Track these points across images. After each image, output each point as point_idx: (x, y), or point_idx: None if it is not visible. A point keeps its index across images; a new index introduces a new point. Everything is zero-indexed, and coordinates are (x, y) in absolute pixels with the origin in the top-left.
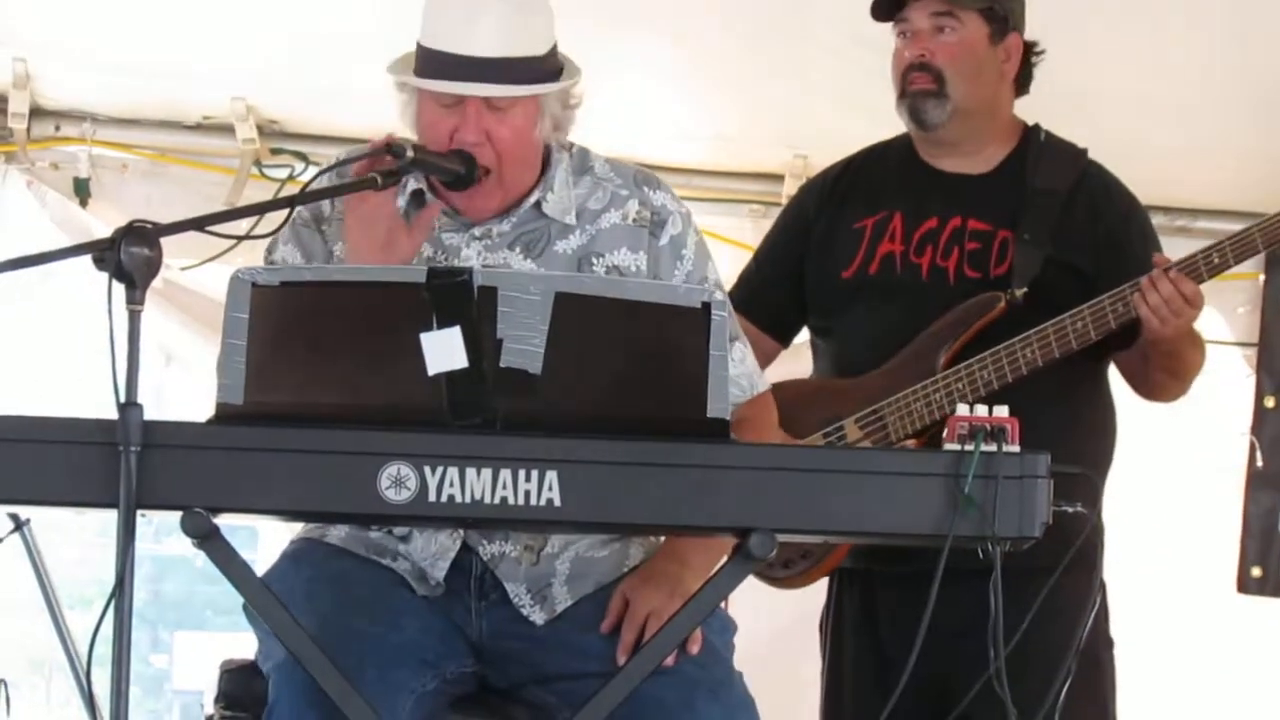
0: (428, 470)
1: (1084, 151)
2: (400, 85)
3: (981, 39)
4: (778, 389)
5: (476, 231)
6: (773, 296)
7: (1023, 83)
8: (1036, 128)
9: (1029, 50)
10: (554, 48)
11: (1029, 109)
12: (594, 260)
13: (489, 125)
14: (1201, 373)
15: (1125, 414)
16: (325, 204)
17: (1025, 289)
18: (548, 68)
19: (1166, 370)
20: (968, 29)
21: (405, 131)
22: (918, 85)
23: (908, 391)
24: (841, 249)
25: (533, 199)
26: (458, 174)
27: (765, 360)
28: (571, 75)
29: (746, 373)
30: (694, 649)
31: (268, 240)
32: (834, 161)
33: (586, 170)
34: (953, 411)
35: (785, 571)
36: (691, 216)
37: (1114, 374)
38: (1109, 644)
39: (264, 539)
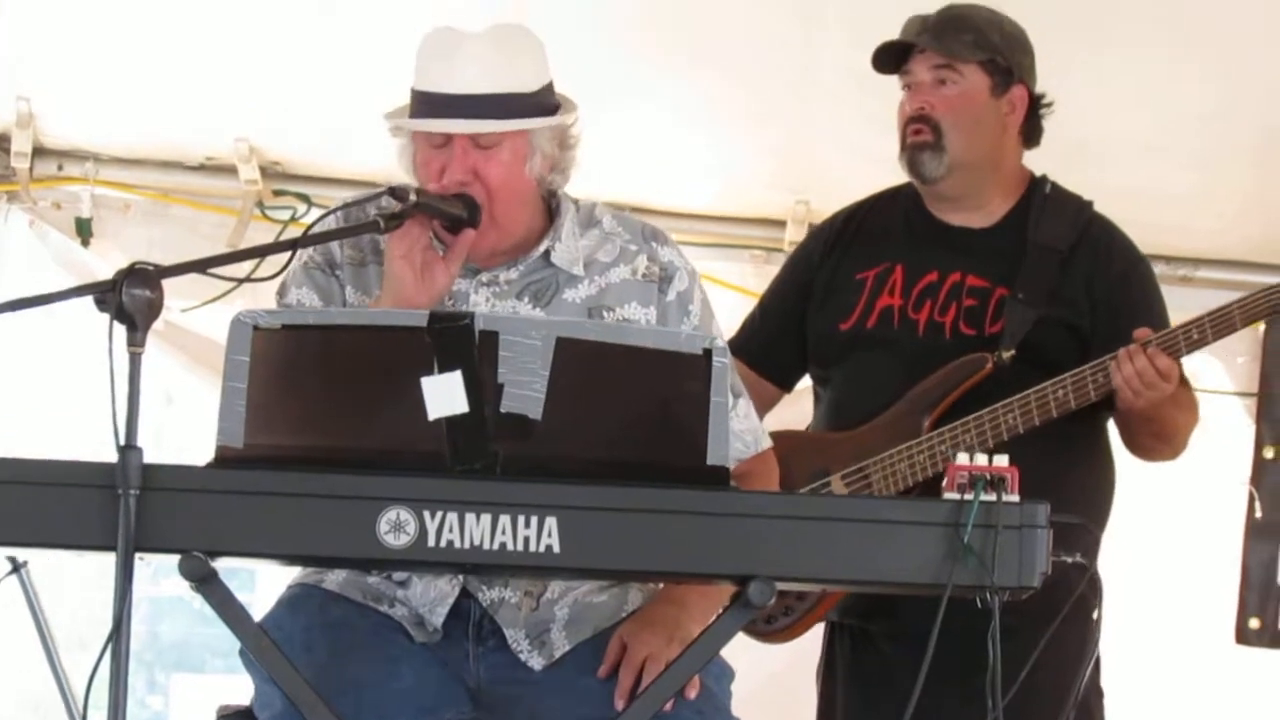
0: (427, 515)
1: (1089, 204)
2: (394, 130)
3: (982, 91)
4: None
5: (484, 278)
6: (775, 343)
7: (1030, 135)
8: (1043, 179)
9: (1036, 102)
10: (548, 85)
11: (1031, 155)
12: (604, 313)
13: (476, 163)
14: (1200, 422)
15: (1124, 462)
16: (336, 249)
17: (1013, 351)
18: (538, 104)
19: (1152, 434)
20: (968, 81)
21: (405, 175)
22: (916, 138)
23: (893, 451)
24: (842, 300)
25: (541, 248)
26: (459, 217)
27: (766, 406)
28: (568, 113)
29: (751, 428)
30: (692, 694)
31: (269, 283)
32: (836, 206)
33: (594, 224)
34: (935, 473)
35: (768, 626)
36: (697, 274)
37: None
38: (1100, 694)
39: (261, 581)
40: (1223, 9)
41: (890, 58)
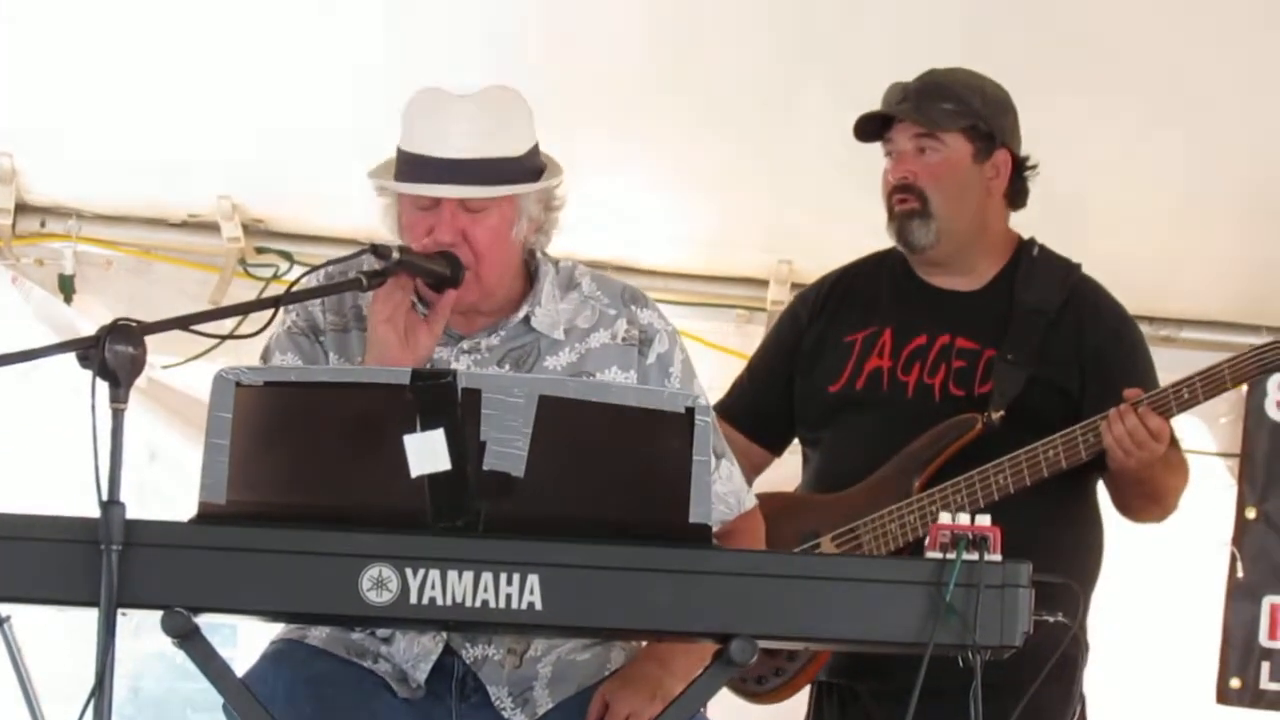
0: (409, 572)
1: (1076, 266)
2: (379, 189)
3: (965, 158)
4: (759, 500)
5: (465, 345)
6: (764, 406)
7: (1016, 197)
8: (1031, 242)
9: (1021, 165)
10: (534, 148)
11: (1018, 216)
12: (584, 379)
13: (464, 226)
14: (1184, 492)
15: (1107, 522)
16: (319, 315)
17: (1002, 412)
18: (526, 168)
19: (1143, 495)
20: (950, 149)
21: (388, 233)
22: (903, 206)
23: (884, 512)
24: (830, 362)
25: (521, 313)
26: (443, 275)
27: (756, 469)
28: (553, 175)
29: (734, 490)
30: None
31: (252, 339)
32: (818, 266)
33: (574, 286)
34: (927, 534)
35: (759, 687)
36: (678, 335)
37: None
38: None
39: (244, 637)
40: (1204, 75)
41: (872, 126)
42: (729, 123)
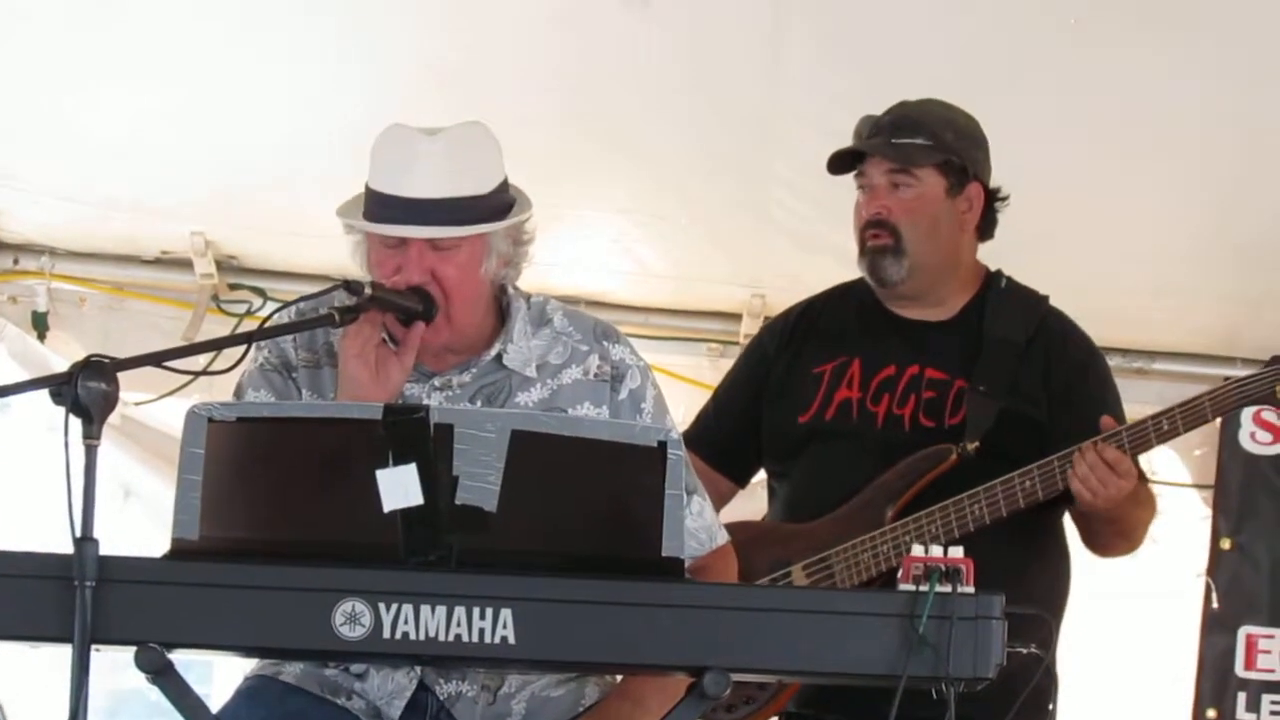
0: (382, 607)
1: (1044, 299)
2: (347, 228)
3: (939, 193)
4: (728, 530)
5: (437, 382)
6: (730, 437)
7: (986, 229)
8: (998, 274)
9: (992, 197)
10: (503, 183)
11: (989, 247)
12: (557, 414)
13: (433, 264)
14: (1158, 514)
15: (1082, 553)
16: (292, 352)
17: (977, 443)
18: (494, 205)
19: (1113, 532)
20: (924, 184)
21: (358, 270)
22: (875, 242)
23: (856, 541)
24: (799, 393)
25: (494, 350)
26: (415, 311)
27: (721, 501)
28: (522, 210)
29: (705, 525)
30: None
31: (225, 375)
32: (791, 299)
33: (545, 322)
34: (900, 564)
35: (729, 716)
36: (649, 370)
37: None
38: None
39: (218, 674)
40: (1175, 109)
41: (845, 160)
42: (703, 154)
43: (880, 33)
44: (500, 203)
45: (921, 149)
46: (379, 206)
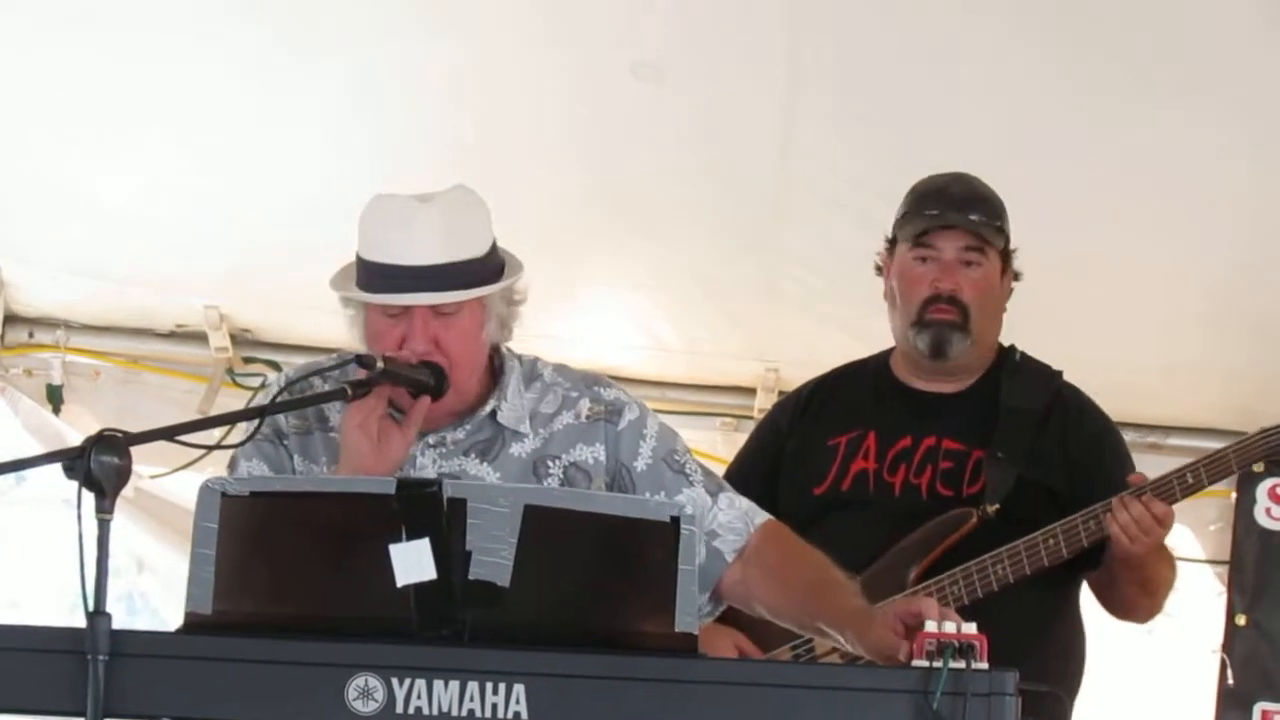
0: (395, 682)
1: (1058, 373)
2: (345, 301)
3: (998, 274)
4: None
5: (431, 439)
6: None
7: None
8: (1012, 348)
9: (1015, 278)
10: (493, 245)
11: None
12: (550, 463)
13: (436, 332)
14: (1173, 590)
15: (1096, 629)
16: (282, 419)
17: (997, 505)
18: (490, 266)
19: (1137, 586)
20: (991, 265)
21: (355, 342)
22: (943, 317)
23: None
24: (814, 465)
25: (487, 408)
26: (426, 385)
27: None
28: (514, 271)
29: (740, 514)
30: None
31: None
32: (805, 374)
33: (536, 377)
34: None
35: None
36: (649, 409)
37: (1086, 597)
38: None
39: None
40: (1183, 185)
41: (922, 223)
42: (716, 232)
43: (893, 111)
44: (495, 264)
45: (993, 230)
46: (379, 277)
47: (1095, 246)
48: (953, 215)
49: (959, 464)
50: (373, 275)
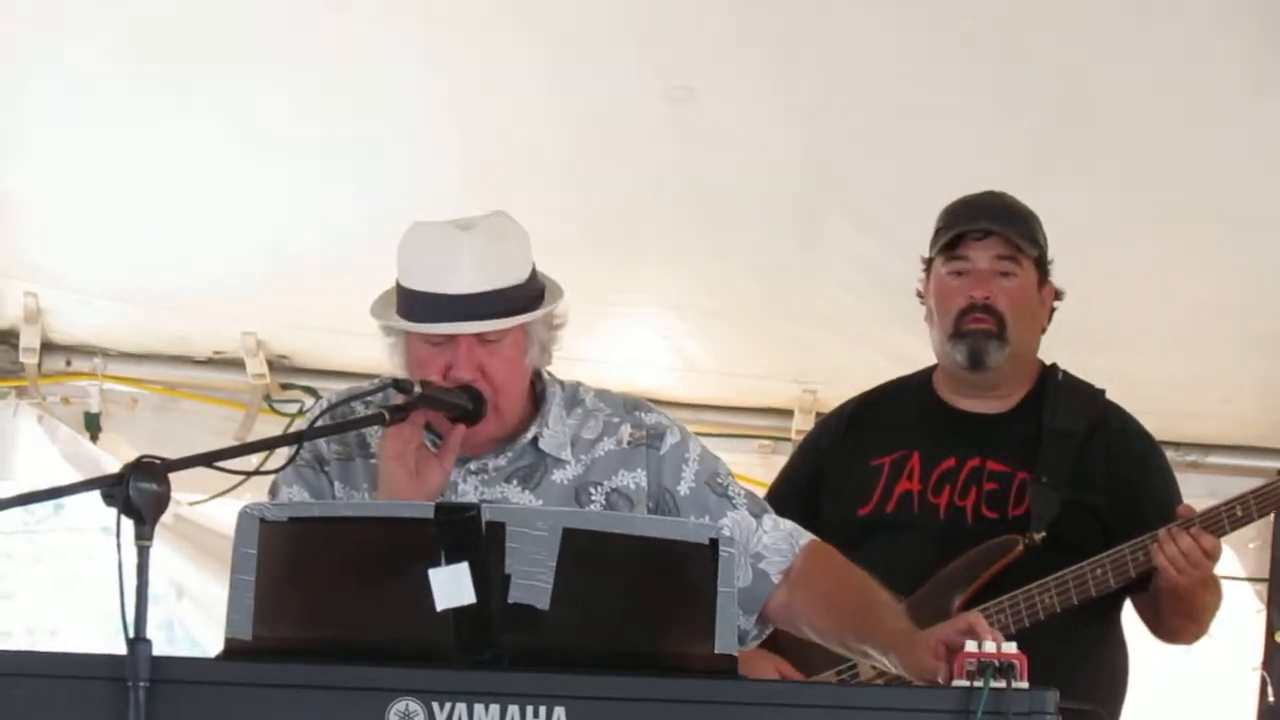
0: (436, 706)
1: (1101, 392)
2: (386, 329)
3: (1033, 284)
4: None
5: (472, 466)
6: None
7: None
8: (1054, 367)
9: (1057, 295)
10: (533, 271)
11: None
12: (592, 489)
13: (481, 359)
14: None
15: (1136, 647)
16: (324, 446)
17: (1043, 532)
18: (531, 292)
19: (1182, 614)
20: (1026, 274)
21: (396, 369)
22: (979, 326)
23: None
24: (858, 486)
25: (529, 435)
26: (465, 409)
27: None
28: (554, 296)
29: (785, 534)
30: None
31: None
32: (842, 395)
33: (578, 403)
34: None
35: None
36: (690, 433)
37: (1128, 614)
38: None
39: None
40: (1226, 204)
41: (957, 235)
42: (751, 252)
43: (924, 131)
44: (537, 289)
45: (1026, 238)
46: (422, 305)
47: (1130, 263)
48: (984, 222)
49: (1003, 486)
50: (415, 304)
